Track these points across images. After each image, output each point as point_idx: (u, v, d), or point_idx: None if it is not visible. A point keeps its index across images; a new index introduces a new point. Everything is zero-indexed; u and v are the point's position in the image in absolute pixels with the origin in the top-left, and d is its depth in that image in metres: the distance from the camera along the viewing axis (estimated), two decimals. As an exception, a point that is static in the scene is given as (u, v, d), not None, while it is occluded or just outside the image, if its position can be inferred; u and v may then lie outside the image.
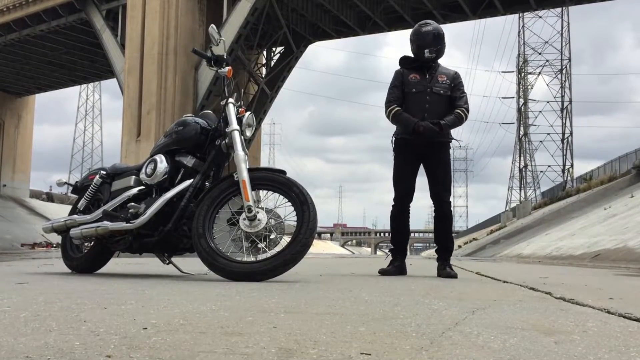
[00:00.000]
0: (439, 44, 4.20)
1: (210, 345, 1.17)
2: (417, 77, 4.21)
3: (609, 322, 1.62)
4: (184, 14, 27.90)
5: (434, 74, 4.21)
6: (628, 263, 8.42)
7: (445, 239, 4.31)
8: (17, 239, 32.90)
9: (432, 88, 4.17)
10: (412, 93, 4.20)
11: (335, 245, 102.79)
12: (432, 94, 4.16)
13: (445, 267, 4.16)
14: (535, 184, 52.21)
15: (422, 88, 4.17)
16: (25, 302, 1.90)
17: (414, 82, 4.20)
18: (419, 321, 1.56)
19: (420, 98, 4.17)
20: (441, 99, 4.18)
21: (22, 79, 43.12)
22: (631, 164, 26.64)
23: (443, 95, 4.18)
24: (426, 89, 4.17)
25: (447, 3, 29.95)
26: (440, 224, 4.30)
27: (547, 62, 52.14)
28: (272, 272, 3.01)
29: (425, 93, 4.16)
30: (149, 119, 27.40)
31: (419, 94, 4.17)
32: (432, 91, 4.16)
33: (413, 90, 4.19)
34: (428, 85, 4.17)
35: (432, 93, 4.16)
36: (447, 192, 4.28)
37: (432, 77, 4.20)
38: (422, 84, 4.19)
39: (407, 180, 4.32)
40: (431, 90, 4.16)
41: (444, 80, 4.21)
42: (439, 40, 4.21)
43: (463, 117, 4.17)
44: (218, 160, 3.46)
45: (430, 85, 4.17)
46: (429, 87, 4.17)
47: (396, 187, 4.35)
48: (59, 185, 4.49)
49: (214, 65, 3.57)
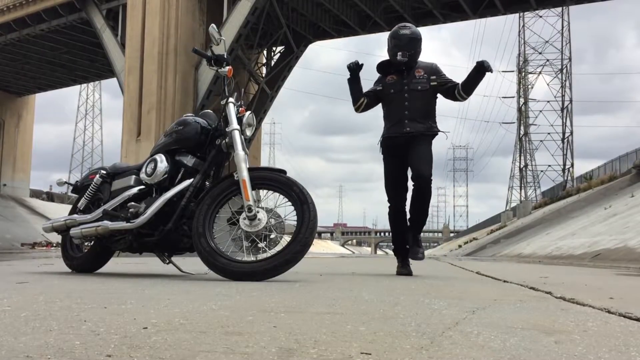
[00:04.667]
0: (414, 47, 4.21)
1: (210, 344, 1.17)
2: (394, 77, 4.25)
3: (609, 322, 1.62)
4: (184, 13, 27.89)
5: (411, 72, 4.22)
6: (628, 263, 8.42)
7: (422, 212, 4.25)
8: (17, 238, 32.89)
9: (410, 85, 4.19)
10: (390, 94, 4.24)
11: (335, 244, 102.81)
12: (410, 92, 4.19)
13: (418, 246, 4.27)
14: (535, 184, 52.21)
15: (400, 87, 4.21)
16: (26, 302, 1.90)
17: (391, 83, 4.24)
18: (419, 321, 1.56)
19: (399, 97, 4.21)
20: (421, 95, 4.19)
21: (22, 79, 43.13)
22: (631, 164, 26.63)
23: (421, 91, 4.19)
24: (403, 87, 4.20)
25: (447, 2, 29.94)
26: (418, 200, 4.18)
27: (547, 61, 52.13)
28: (272, 271, 3.01)
29: (403, 92, 4.20)
30: (149, 118, 27.40)
31: (397, 94, 4.21)
32: (410, 88, 4.19)
33: (391, 91, 4.23)
34: (405, 84, 4.20)
35: (410, 90, 4.19)
36: (428, 166, 4.15)
37: (409, 74, 4.21)
38: (400, 82, 4.22)
39: (397, 181, 4.33)
40: (408, 87, 4.19)
41: (421, 75, 4.21)
42: (414, 43, 4.22)
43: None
44: (218, 160, 3.46)
45: (407, 83, 4.20)
46: (406, 85, 4.19)
47: (387, 188, 4.36)
48: (59, 184, 4.49)
49: (214, 64, 3.57)
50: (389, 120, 4.30)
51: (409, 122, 4.17)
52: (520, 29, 53.75)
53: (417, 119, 4.18)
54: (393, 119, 4.25)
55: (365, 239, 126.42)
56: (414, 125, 4.17)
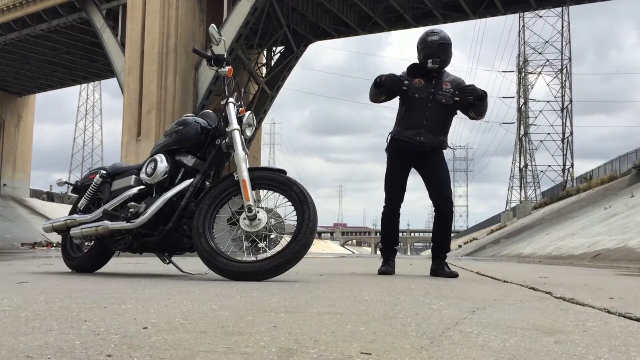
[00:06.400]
0: (444, 53, 4.17)
1: (210, 344, 1.17)
2: (422, 82, 4.18)
3: (609, 322, 1.62)
4: (184, 13, 27.89)
5: (439, 82, 4.18)
6: (628, 263, 8.42)
7: (445, 239, 4.30)
8: (17, 238, 32.89)
9: (435, 96, 4.14)
10: (414, 98, 4.17)
11: (335, 244, 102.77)
12: (434, 102, 4.14)
13: (444, 267, 4.17)
14: (535, 184, 52.20)
15: (425, 95, 4.15)
16: (26, 302, 1.90)
17: (418, 87, 4.17)
18: (419, 321, 1.56)
19: (422, 104, 4.15)
20: (443, 108, 4.16)
21: (22, 79, 43.12)
22: (631, 164, 26.62)
23: (444, 104, 4.16)
24: (429, 95, 4.15)
25: (448, 2, 29.93)
26: (440, 226, 4.28)
27: (547, 61, 52.11)
28: (272, 271, 3.01)
29: (427, 100, 4.15)
30: (149, 118, 27.40)
31: (421, 100, 4.15)
32: (435, 99, 4.14)
33: (416, 95, 4.17)
34: (431, 93, 4.15)
35: (434, 101, 4.14)
36: (450, 196, 4.27)
37: (437, 84, 4.17)
38: (426, 90, 4.16)
39: (398, 183, 4.32)
40: (434, 97, 4.14)
41: (448, 88, 4.17)
42: (444, 49, 4.17)
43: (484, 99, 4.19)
44: (218, 160, 3.46)
45: (433, 93, 4.15)
46: (432, 94, 4.15)
47: (387, 188, 4.35)
48: (59, 184, 4.49)
49: (214, 64, 3.57)
50: (405, 124, 4.23)
51: (424, 132, 4.14)
52: (520, 29, 53.79)
53: (433, 131, 4.15)
54: (409, 124, 4.20)
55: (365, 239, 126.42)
56: (428, 137, 4.14)
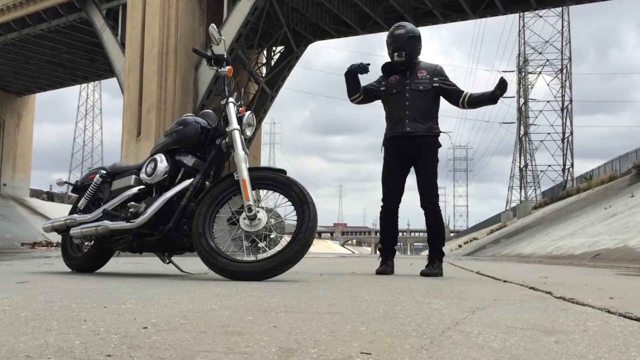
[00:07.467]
0: (411, 46, 4.21)
1: (210, 344, 1.17)
2: (397, 77, 4.27)
3: (609, 322, 1.62)
4: (184, 13, 27.89)
5: (414, 71, 4.24)
6: (628, 263, 8.42)
7: (431, 237, 4.33)
8: (17, 238, 32.90)
9: (411, 85, 4.21)
10: (392, 94, 4.26)
11: (335, 244, 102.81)
12: (412, 91, 4.20)
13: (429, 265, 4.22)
14: (535, 184, 52.20)
15: (401, 87, 4.23)
16: (26, 301, 1.90)
17: (394, 83, 4.26)
18: (419, 320, 1.56)
19: (400, 97, 4.22)
20: (422, 95, 4.20)
21: (22, 78, 43.13)
22: (631, 164, 26.62)
23: (423, 91, 4.20)
24: (405, 87, 4.21)
25: (448, 2, 29.94)
26: (430, 227, 4.32)
27: (547, 61, 52.11)
28: (272, 271, 3.01)
29: (404, 92, 4.21)
30: (149, 118, 27.41)
31: (398, 94, 4.23)
32: (412, 88, 4.20)
33: (394, 91, 4.25)
34: (407, 83, 4.21)
35: (411, 90, 4.20)
36: (434, 196, 4.26)
37: (411, 73, 4.23)
38: (402, 83, 4.24)
39: (394, 181, 4.34)
40: (410, 87, 4.20)
41: (423, 76, 4.23)
42: (411, 43, 4.22)
43: None
44: (218, 160, 3.46)
45: (409, 83, 4.21)
46: (408, 84, 4.21)
47: (384, 187, 4.38)
48: (59, 184, 4.49)
49: (214, 64, 3.57)
50: (391, 120, 4.31)
51: (409, 122, 4.18)
52: (520, 29, 53.77)
53: (418, 119, 4.18)
54: (394, 119, 4.27)
55: (365, 238, 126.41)
56: (414, 125, 4.17)
